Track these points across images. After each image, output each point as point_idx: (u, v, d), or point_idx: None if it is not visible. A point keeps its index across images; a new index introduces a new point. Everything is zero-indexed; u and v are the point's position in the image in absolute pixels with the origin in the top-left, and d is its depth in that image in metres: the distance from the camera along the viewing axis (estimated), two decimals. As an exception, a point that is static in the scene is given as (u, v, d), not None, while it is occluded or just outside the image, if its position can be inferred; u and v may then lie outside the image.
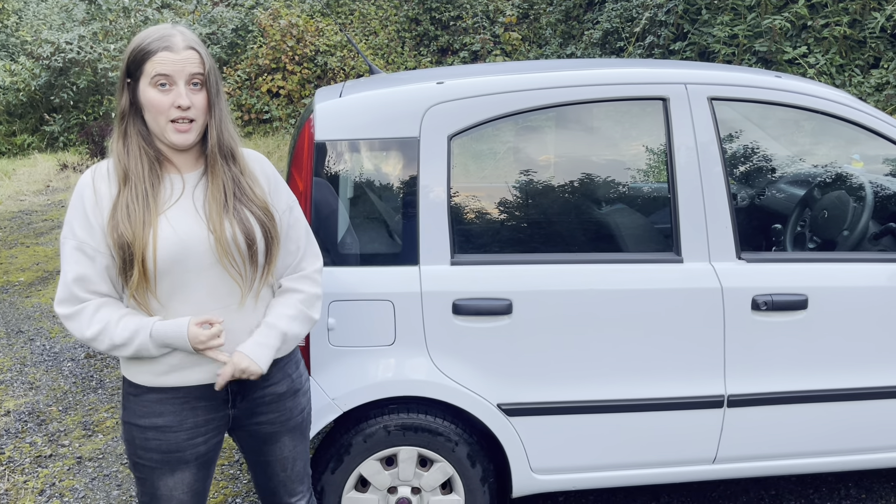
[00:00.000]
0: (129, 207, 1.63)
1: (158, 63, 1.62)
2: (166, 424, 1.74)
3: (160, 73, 1.62)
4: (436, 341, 2.31)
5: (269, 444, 1.88)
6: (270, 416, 1.85)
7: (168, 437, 1.74)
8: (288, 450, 1.90)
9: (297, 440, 1.92)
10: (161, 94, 1.63)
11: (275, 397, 1.85)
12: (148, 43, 1.63)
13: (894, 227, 2.71)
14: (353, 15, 13.27)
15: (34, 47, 12.40)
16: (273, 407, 1.85)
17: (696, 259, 2.41)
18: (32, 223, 7.91)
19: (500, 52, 12.21)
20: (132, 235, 1.61)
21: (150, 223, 1.63)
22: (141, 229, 1.62)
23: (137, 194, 1.64)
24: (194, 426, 1.76)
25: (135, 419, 1.76)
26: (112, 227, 1.63)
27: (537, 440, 2.40)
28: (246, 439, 1.88)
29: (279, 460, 1.90)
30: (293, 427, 1.89)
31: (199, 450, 1.78)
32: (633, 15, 10.42)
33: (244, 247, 1.70)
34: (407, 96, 2.36)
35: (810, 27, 8.59)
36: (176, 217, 1.67)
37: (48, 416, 3.74)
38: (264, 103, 12.23)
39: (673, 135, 2.43)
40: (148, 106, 1.64)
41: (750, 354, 2.42)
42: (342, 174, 2.32)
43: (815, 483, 3.06)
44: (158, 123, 1.65)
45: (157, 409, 1.74)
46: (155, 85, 1.63)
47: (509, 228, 2.47)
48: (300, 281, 1.84)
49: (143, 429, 1.75)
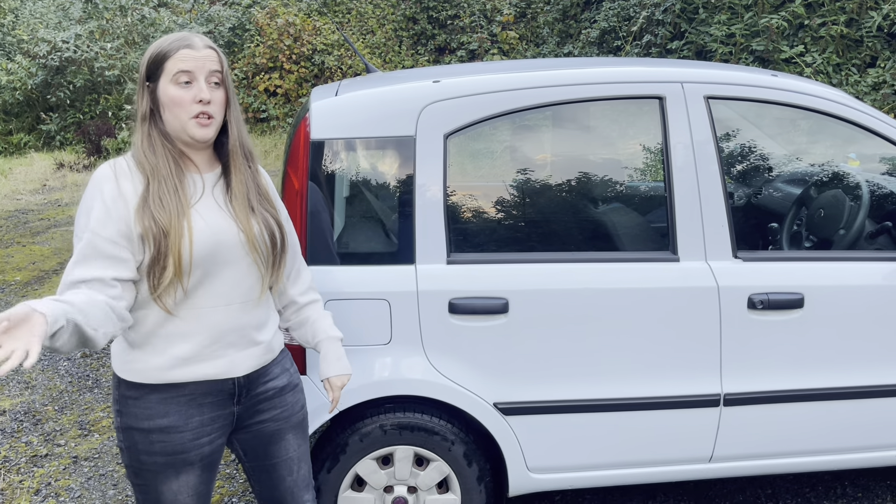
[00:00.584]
0: (162, 199, 1.63)
1: (180, 60, 1.65)
2: (172, 424, 1.71)
3: (182, 69, 1.64)
4: (432, 340, 2.31)
5: (273, 444, 1.87)
6: (273, 413, 1.85)
7: (173, 437, 1.71)
8: (293, 449, 1.89)
9: (301, 439, 1.91)
10: (182, 90, 1.66)
11: (277, 391, 1.85)
12: (168, 44, 1.67)
13: (890, 226, 2.71)
14: (350, 14, 13.27)
15: (31, 46, 12.37)
16: (276, 402, 1.85)
17: (693, 258, 2.41)
18: (29, 222, 7.90)
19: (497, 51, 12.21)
20: (168, 224, 1.61)
21: (185, 214, 1.65)
22: (177, 219, 1.63)
23: (168, 188, 1.65)
24: (200, 425, 1.74)
25: (137, 423, 1.71)
26: (145, 217, 1.61)
27: (534, 439, 2.40)
28: (249, 442, 1.86)
29: (285, 462, 1.88)
30: (296, 424, 1.90)
31: (203, 451, 1.76)
32: (631, 14, 10.42)
33: (269, 244, 1.77)
34: (403, 95, 2.36)
35: (807, 26, 8.60)
36: (205, 211, 1.70)
37: (44, 415, 3.73)
38: (261, 102, 12.22)
39: (669, 133, 2.43)
40: (169, 103, 1.66)
41: (746, 353, 2.42)
42: (338, 173, 2.32)
43: (811, 482, 3.07)
44: (180, 119, 1.67)
45: (161, 409, 1.71)
46: (176, 82, 1.65)
47: (506, 227, 2.47)
48: (311, 292, 1.97)
49: (146, 432, 1.71)
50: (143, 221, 1.61)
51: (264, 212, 1.78)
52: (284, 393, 1.87)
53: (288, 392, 1.88)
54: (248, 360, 1.78)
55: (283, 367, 1.89)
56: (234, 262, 1.72)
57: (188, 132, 1.68)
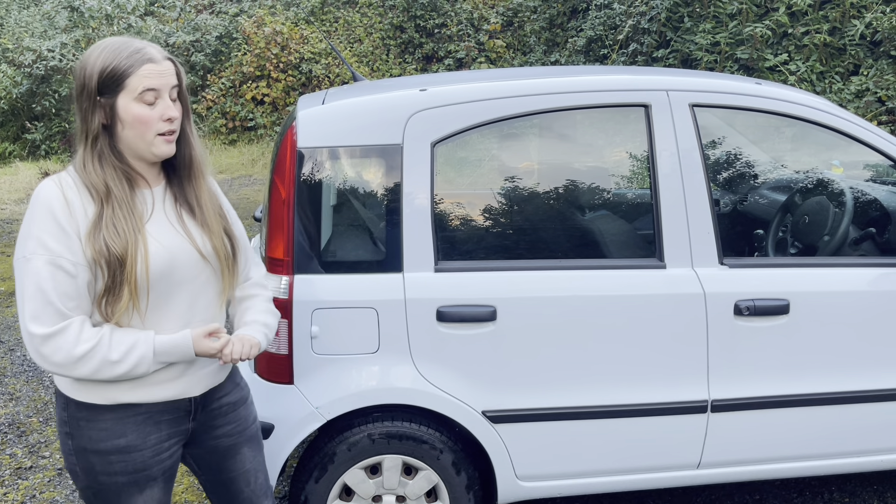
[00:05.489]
0: (116, 226, 1.56)
1: (145, 77, 1.57)
2: (130, 444, 1.65)
3: (149, 87, 1.58)
4: (420, 348, 2.30)
5: (229, 459, 1.85)
6: (228, 428, 1.83)
7: (133, 456, 1.66)
8: (249, 461, 1.87)
9: (256, 450, 1.90)
10: (148, 108, 1.59)
11: (230, 407, 1.84)
12: (126, 58, 1.57)
13: (874, 232, 2.73)
14: (337, 22, 13.28)
15: (16, 55, 12.30)
16: (230, 417, 1.84)
17: (679, 265, 2.42)
18: (13, 232, 7.83)
19: (484, 60, 12.25)
20: (124, 252, 1.55)
21: (142, 240, 1.59)
22: (133, 246, 1.56)
23: (123, 212, 1.58)
24: (158, 441, 1.70)
25: (92, 445, 1.64)
26: (97, 244, 1.54)
27: (522, 447, 2.40)
28: (205, 458, 1.84)
29: (242, 475, 1.87)
30: (250, 437, 1.88)
31: (165, 464, 1.72)
32: (617, 23, 10.49)
33: (223, 257, 1.73)
34: (390, 103, 2.36)
35: (791, 35, 8.68)
36: (157, 231, 1.64)
37: (28, 427, 3.69)
38: (249, 111, 12.19)
39: (655, 141, 2.44)
40: (134, 122, 1.58)
41: (733, 359, 2.43)
42: (325, 181, 2.32)
43: (798, 487, 3.08)
44: (145, 138, 1.60)
45: (118, 429, 1.64)
46: (142, 100, 1.58)
47: (493, 235, 2.47)
48: (255, 287, 1.91)
49: (103, 454, 1.64)
50: (94, 247, 1.54)
51: (216, 224, 1.73)
52: (237, 407, 1.86)
53: (241, 406, 1.87)
54: (206, 378, 1.76)
55: (234, 382, 1.87)
56: (190, 281, 1.68)
57: (153, 150, 1.62)
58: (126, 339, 1.58)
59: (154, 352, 1.60)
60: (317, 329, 2.26)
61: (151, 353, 1.60)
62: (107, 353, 1.56)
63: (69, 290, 1.54)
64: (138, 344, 1.59)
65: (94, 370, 1.55)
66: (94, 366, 1.55)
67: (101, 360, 1.55)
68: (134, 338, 1.59)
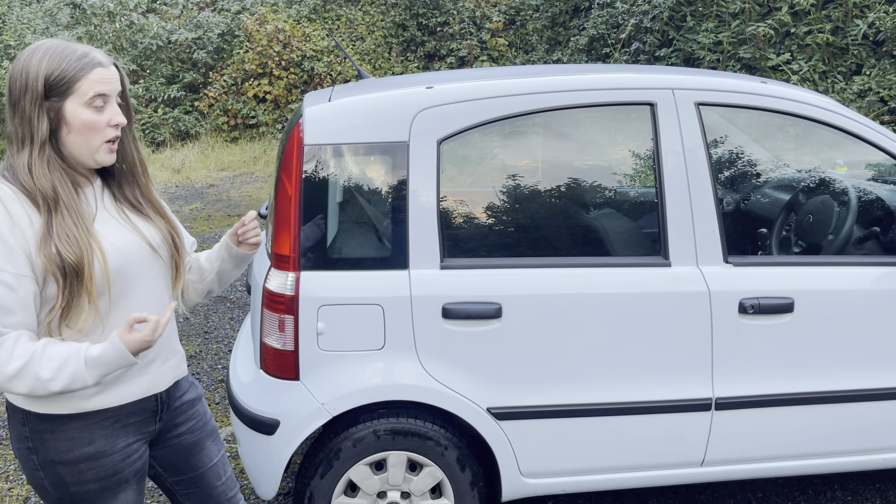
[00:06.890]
0: (68, 234, 1.51)
1: (96, 82, 1.54)
2: (99, 450, 1.62)
3: (98, 92, 1.55)
4: (425, 345, 2.31)
5: (195, 455, 1.85)
6: (189, 424, 1.85)
7: (103, 462, 1.62)
8: (215, 455, 1.89)
9: (218, 444, 1.92)
10: (97, 113, 1.56)
11: (189, 403, 1.86)
12: (73, 61, 1.54)
13: (878, 231, 2.74)
14: (339, 20, 13.27)
15: (18, 51, 12.30)
16: (190, 414, 1.85)
17: (684, 263, 2.43)
18: None
19: (486, 58, 12.25)
20: (79, 259, 1.50)
21: (96, 244, 1.55)
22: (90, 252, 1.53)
23: (71, 217, 1.53)
24: (126, 445, 1.68)
25: (59, 456, 1.59)
26: (49, 254, 1.49)
27: (527, 444, 2.40)
28: (168, 458, 1.83)
29: (211, 469, 1.88)
30: (211, 431, 1.90)
31: (135, 466, 1.70)
32: (619, 21, 10.49)
33: (172, 246, 1.74)
34: (396, 101, 2.37)
35: (794, 34, 8.68)
36: (106, 231, 1.61)
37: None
38: (251, 108, 12.20)
39: (660, 140, 2.44)
40: (82, 127, 1.54)
41: (737, 357, 2.44)
42: (331, 178, 2.32)
43: (801, 485, 3.09)
44: (91, 144, 1.56)
45: (85, 436, 1.60)
46: (91, 105, 1.54)
47: (498, 233, 2.48)
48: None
49: (71, 464, 1.59)
50: (46, 256, 1.49)
51: (158, 217, 1.74)
52: (196, 404, 1.88)
53: (198, 403, 1.89)
54: (170, 371, 1.76)
55: (188, 381, 1.89)
56: (144, 275, 1.66)
57: (96, 157, 1.59)
58: (58, 356, 1.49)
59: (86, 365, 1.49)
60: (323, 325, 2.27)
61: (83, 366, 1.49)
62: (38, 371, 1.47)
63: (9, 304, 1.47)
64: (69, 360, 1.49)
65: (30, 388, 1.47)
66: (28, 384, 1.47)
67: (34, 379, 1.47)
68: (66, 353, 1.49)
